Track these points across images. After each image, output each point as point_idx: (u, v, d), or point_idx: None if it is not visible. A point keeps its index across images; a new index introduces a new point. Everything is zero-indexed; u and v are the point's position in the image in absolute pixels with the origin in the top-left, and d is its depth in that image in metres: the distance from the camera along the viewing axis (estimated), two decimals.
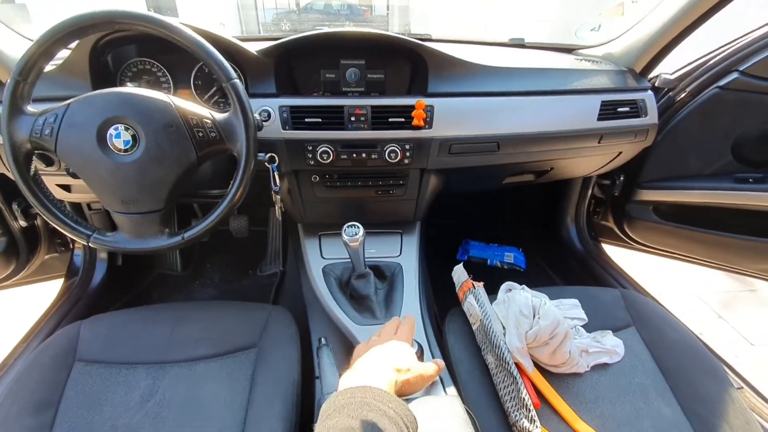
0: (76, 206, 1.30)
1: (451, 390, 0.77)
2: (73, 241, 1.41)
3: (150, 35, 0.67)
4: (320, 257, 1.08)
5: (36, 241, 1.29)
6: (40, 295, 1.39)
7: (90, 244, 0.72)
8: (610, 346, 0.83)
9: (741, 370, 1.08)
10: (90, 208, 1.32)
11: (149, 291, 1.54)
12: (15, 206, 1.15)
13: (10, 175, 0.92)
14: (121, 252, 0.76)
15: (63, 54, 0.81)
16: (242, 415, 0.73)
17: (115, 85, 0.78)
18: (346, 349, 0.86)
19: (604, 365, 0.82)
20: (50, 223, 0.71)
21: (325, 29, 0.90)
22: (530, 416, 0.68)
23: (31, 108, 0.67)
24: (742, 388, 1.03)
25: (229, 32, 0.91)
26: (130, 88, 0.68)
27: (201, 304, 0.96)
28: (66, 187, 1.00)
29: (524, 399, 0.70)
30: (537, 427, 0.67)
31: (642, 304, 0.95)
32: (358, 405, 0.45)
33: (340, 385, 0.52)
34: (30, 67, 0.65)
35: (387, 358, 0.59)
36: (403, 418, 0.46)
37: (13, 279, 1.30)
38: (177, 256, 1.63)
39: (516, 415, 0.69)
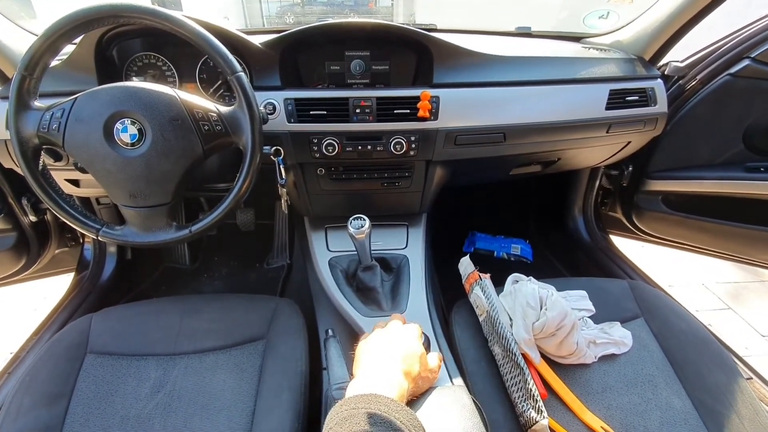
0: (85, 201, 1.32)
1: (458, 381, 0.77)
2: (83, 236, 1.42)
3: (154, 29, 0.67)
4: (326, 250, 1.08)
5: (46, 235, 1.30)
6: (52, 288, 1.42)
7: (99, 237, 0.73)
8: (617, 337, 0.83)
9: (752, 362, 1.07)
10: (99, 203, 1.34)
11: (158, 284, 1.56)
12: (25, 201, 1.16)
13: (18, 170, 0.93)
14: (130, 245, 0.76)
15: (68, 49, 0.81)
16: (251, 405, 0.74)
17: (120, 80, 0.78)
18: (353, 340, 0.86)
19: (612, 356, 0.81)
20: (60, 217, 0.71)
21: (330, 20, 0.89)
22: (537, 407, 0.68)
23: (37, 103, 0.67)
24: (752, 378, 1.02)
25: (234, 25, 0.91)
26: (135, 83, 0.68)
27: (209, 297, 0.97)
28: (75, 182, 1.01)
29: (531, 390, 0.70)
30: (544, 417, 0.67)
31: (650, 295, 0.94)
32: (363, 416, 0.42)
33: (347, 391, 0.50)
34: (36, 62, 0.65)
35: (398, 362, 0.56)
36: (411, 429, 0.43)
37: (25, 273, 1.32)
38: (185, 249, 1.65)
39: (523, 406, 0.69)
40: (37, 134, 0.66)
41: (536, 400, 0.69)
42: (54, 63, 0.69)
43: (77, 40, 0.84)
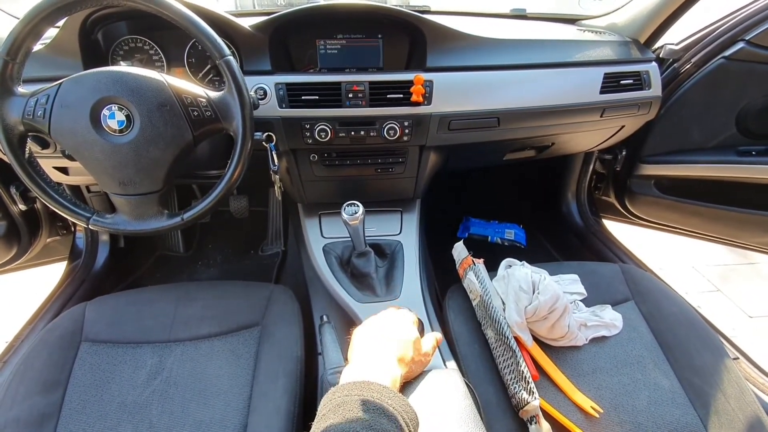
0: (75, 189, 1.30)
1: (452, 364, 0.78)
2: (75, 224, 1.41)
3: (140, 11, 0.65)
4: (320, 236, 1.08)
5: (37, 224, 1.29)
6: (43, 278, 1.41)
7: (90, 226, 0.72)
8: (608, 319, 0.84)
9: (738, 342, 1.10)
10: (89, 191, 1.32)
11: (152, 272, 1.56)
12: (13, 190, 1.14)
13: (5, 158, 0.91)
14: (122, 233, 0.76)
15: (52, 33, 0.79)
16: (248, 390, 0.74)
17: (106, 65, 0.76)
18: (348, 326, 0.87)
19: (603, 338, 0.83)
20: (49, 206, 0.70)
21: (321, 2, 0.87)
22: (529, 388, 0.70)
23: (21, 89, 0.66)
24: (738, 358, 1.04)
25: (223, 8, 0.89)
26: (122, 67, 0.66)
27: (204, 284, 0.97)
28: (63, 170, 1.00)
29: (523, 372, 0.71)
30: (535, 398, 0.69)
31: (641, 279, 0.96)
32: (355, 403, 0.43)
33: (341, 379, 0.51)
34: (18, 47, 0.63)
35: (391, 349, 0.56)
36: (403, 415, 0.44)
37: (16, 263, 1.31)
38: (179, 237, 1.64)
39: (515, 388, 0.71)
40: (22, 121, 0.65)
41: (528, 381, 0.70)
42: (38, 47, 0.68)
43: (60, 24, 0.82)
